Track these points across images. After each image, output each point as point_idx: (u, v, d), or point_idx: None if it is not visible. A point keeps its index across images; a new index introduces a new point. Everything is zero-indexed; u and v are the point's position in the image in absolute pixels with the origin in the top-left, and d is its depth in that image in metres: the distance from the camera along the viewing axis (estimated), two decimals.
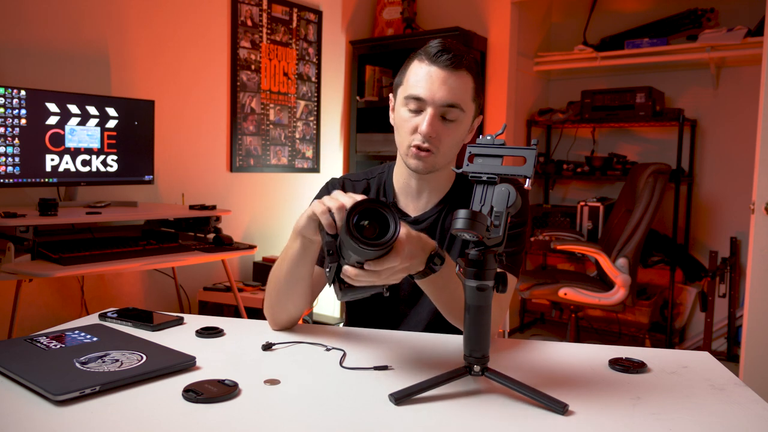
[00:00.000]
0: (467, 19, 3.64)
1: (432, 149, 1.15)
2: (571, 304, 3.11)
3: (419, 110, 1.15)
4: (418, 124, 1.14)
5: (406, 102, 1.16)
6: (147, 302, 2.83)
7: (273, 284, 1.15)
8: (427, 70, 1.14)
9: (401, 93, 1.18)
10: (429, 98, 1.13)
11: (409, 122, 1.16)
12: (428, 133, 1.13)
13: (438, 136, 1.14)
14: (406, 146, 1.17)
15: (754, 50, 3.06)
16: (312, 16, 3.55)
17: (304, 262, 1.09)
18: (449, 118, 1.15)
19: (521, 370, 0.97)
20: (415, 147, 1.15)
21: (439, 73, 1.12)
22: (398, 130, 1.20)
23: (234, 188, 3.19)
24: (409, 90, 1.15)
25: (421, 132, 1.13)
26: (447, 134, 1.15)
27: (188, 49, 2.92)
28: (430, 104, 1.13)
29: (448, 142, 1.16)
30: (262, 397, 0.85)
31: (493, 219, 0.85)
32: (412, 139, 1.16)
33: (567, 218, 3.73)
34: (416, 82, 1.14)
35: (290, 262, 1.09)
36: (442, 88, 1.12)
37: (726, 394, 0.89)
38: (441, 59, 1.12)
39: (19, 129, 2.18)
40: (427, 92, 1.13)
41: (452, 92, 1.13)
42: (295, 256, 1.07)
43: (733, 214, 3.53)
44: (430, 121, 1.12)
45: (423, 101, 1.13)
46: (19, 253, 1.98)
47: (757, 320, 2.48)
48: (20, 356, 0.94)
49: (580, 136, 4.01)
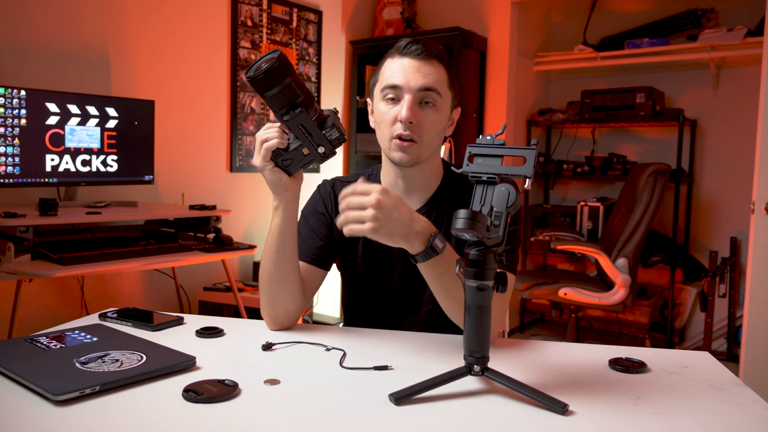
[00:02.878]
0: (467, 19, 3.64)
1: (414, 138, 1.16)
2: (571, 304, 3.11)
3: (397, 99, 1.17)
4: (398, 114, 1.16)
5: (383, 95, 1.19)
6: (147, 302, 2.82)
7: (264, 274, 1.17)
8: (400, 62, 1.17)
9: (377, 89, 1.21)
10: (405, 84, 1.15)
11: (388, 114, 1.18)
12: (408, 118, 1.14)
13: (418, 123, 1.16)
14: (388, 139, 1.19)
15: (754, 50, 3.05)
16: (312, 16, 3.55)
17: (288, 232, 1.13)
18: (428, 101, 1.17)
19: (521, 370, 0.97)
20: (398, 138, 1.17)
21: (412, 62, 1.16)
22: (379, 126, 1.21)
23: (234, 188, 3.19)
24: (385, 82, 1.18)
25: (401, 118, 1.15)
26: (426, 120, 1.17)
27: (188, 49, 2.92)
28: (406, 91, 1.15)
29: (429, 130, 1.18)
30: (262, 397, 0.85)
31: (493, 219, 0.85)
32: (393, 130, 1.17)
33: (567, 218, 3.73)
34: (391, 74, 1.18)
35: (274, 238, 1.13)
36: (416, 74, 1.16)
37: (726, 394, 0.89)
38: (411, 50, 1.17)
39: (19, 129, 2.18)
40: (402, 79, 1.16)
41: (426, 77, 1.16)
42: (278, 227, 1.13)
43: (733, 214, 3.52)
44: (409, 106, 1.15)
45: (399, 88, 1.16)
46: (19, 253, 1.98)
47: (757, 320, 2.48)
48: (20, 356, 0.94)
49: (580, 136, 4.01)
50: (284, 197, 1.12)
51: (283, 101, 1.02)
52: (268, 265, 1.16)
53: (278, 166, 1.09)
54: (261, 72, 0.98)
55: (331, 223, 1.29)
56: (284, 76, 0.99)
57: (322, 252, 1.27)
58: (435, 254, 1.00)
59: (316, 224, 1.29)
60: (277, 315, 1.18)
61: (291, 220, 1.14)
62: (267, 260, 1.16)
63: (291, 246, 1.15)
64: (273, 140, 1.06)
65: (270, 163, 1.08)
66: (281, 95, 1.01)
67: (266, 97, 1.02)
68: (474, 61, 3.56)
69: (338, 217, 0.98)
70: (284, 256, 1.15)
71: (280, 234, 1.13)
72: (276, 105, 1.03)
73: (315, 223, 1.29)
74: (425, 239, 1.00)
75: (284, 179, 1.10)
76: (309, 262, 1.25)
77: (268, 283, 1.16)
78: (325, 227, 1.29)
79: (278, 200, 1.13)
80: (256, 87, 1.01)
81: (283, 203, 1.13)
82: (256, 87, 1.01)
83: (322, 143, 1.07)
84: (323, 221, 1.29)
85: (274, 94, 1.01)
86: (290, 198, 1.13)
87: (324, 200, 1.31)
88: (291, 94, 1.01)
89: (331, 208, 1.30)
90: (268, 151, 1.06)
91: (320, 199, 1.32)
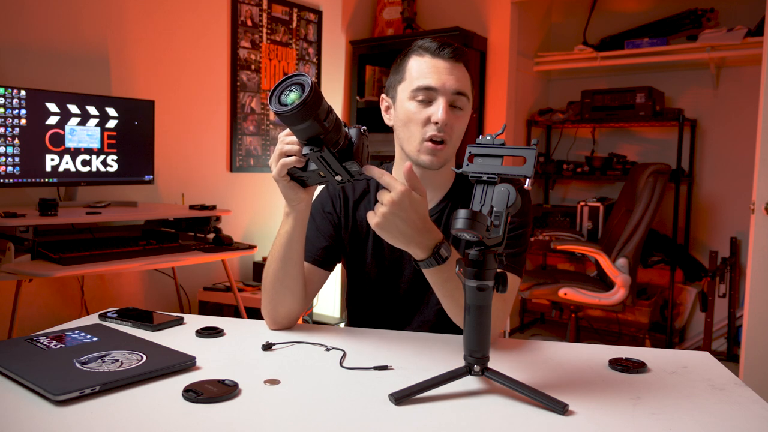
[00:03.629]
0: (467, 19, 3.64)
1: (446, 139, 1.16)
2: (571, 304, 3.11)
3: (429, 101, 1.16)
4: (430, 115, 1.15)
5: (414, 95, 1.17)
6: (147, 302, 2.83)
7: (269, 276, 1.16)
8: (433, 63, 1.16)
9: (405, 88, 1.19)
10: (440, 86, 1.15)
11: (419, 114, 1.16)
12: (444, 121, 1.14)
13: (450, 125, 1.16)
14: (419, 141, 1.17)
15: (754, 50, 3.05)
16: (312, 16, 3.55)
17: (296, 239, 1.12)
18: (458, 106, 1.17)
19: (521, 370, 0.97)
20: (430, 140, 1.16)
21: (445, 64, 1.16)
22: (407, 126, 1.19)
23: (234, 188, 3.19)
24: (417, 82, 1.16)
25: (437, 120, 1.14)
26: (458, 123, 1.17)
27: (188, 49, 2.92)
28: (441, 93, 1.15)
29: (458, 132, 1.19)
30: (262, 397, 0.85)
31: (493, 219, 0.85)
32: (425, 131, 1.16)
33: (567, 218, 3.73)
34: (423, 73, 1.16)
35: (282, 244, 1.12)
36: (450, 77, 1.15)
37: (726, 394, 0.89)
38: (444, 52, 1.16)
39: (19, 129, 2.18)
40: (438, 81, 1.15)
41: (459, 81, 1.16)
42: (287, 234, 1.11)
43: (733, 214, 3.52)
44: (445, 108, 1.14)
45: (434, 90, 1.15)
46: (19, 253, 1.98)
47: (757, 320, 2.48)
48: (20, 356, 0.94)
49: (580, 136, 4.01)
50: (296, 207, 1.10)
51: (308, 134, 0.95)
52: (273, 269, 1.15)
53: (293, 179, 1.06)
54: (292, 110, 0.89)
55: (338, 223, 1.28)
56: (313, 112, 0.91)
57: (326, 253, 1.26)
58: (438, 263, 1.00)
59: (323, 223, 1.28)
60: (278, 316, 1.18)
61: (300, 228, 1.12)
62: (273, 264, 1.15)
63: (298, 253, 1.14)
64: (291, 158, 1.01)
65: (286, 177, 1.04)
66: (306, 131, 0.94)
67: (292, 129, 0.96)
68: (474, 61, 3.56)
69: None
70: (290, 262, 1.14)
71: (289, 240, 1.12)
72: (300, 136, 0.97)
73: (321, 222, 1.28)
74: (429, 249, 0.99)
75: (299, 193, 1.08)
76: (312, 263, 1.24)
77: (272, 286, 1.15)
78: (331, 227, 1.28)
79: (290, 208, 1.11)
80: (282, 120, 0.93)
81: (294, 212, 1.11)
82: (281, 119, 0.93)
83: (340, 173, 1.02)
84: (330, 220, 1.28)
85: (299, 130, 0.94)
86: (302, 208, 1.11)
87: (332, 199, 1.29)
88: (315, 130, 0.94)
89: (339, 207, 1.28)
90: (284, 167, 1.02)
91: (328, 197, 1.30)
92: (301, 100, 0.88)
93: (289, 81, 0.92)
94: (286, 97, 0.91)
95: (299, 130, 0.94)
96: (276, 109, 0.90)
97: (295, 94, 0.90)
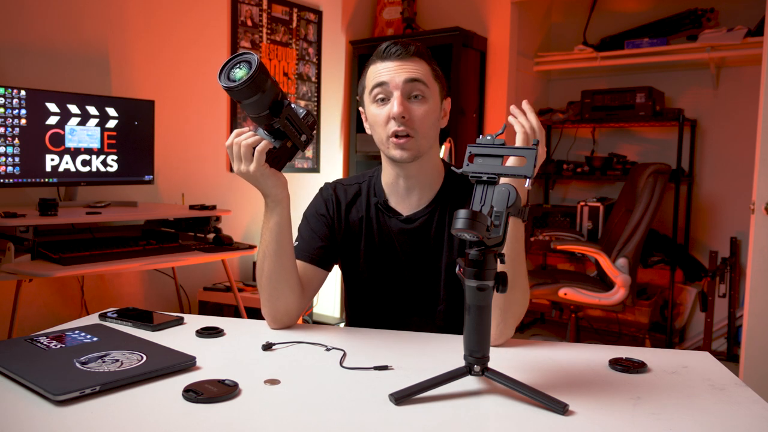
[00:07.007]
0: (467, 19, 3.64)
1: (410, 132, 1.18)
2: (571, 304, 3.11)
3: (386, 98, 1.19)
4: (389, 111, 1.17)
5: (372, 97, 1.20)
6: (147, 302, 2.82)
7: (263, 273, 1.17)
8: (383, 65, 1.19)
9: (366, 94, 1.23)
10: (390, 80, 1.17)
11: (380, 114, 1.19)
12: (400, 112, 1.16)
13: (411, 117, 1.17)
14: (385, 139, 1.20)
15: (754, 50, 3.05)
16: (312, 16, 3.55)
17: (285, 229, 1.15)
18: (417, 95, 1.18)
19: (521, 370, 0.97)
20: (393, 135, 1.18)
21: (394, 62, 1.18)
22: (374, 129, 1.23)
23: (234, 188, 3.18)
24: (371, 84, 1.20)
25: (393, 115, 1.16)
26: (418, 112, 1.18)
27: (188, 49, 2.92)
28: (393, 87, 1.17)
29: (422, 123, 1.19)
30: (262, 397, 0.85)
31: (493, 219, 0.85)
32: (387, 129, 1.19)
33: (567, 218, 3.73)
34: (375, 76, 1.19)
35: (273, 237, 1.15)
36: (400, 71, 1.17)
37: (726, 394, 0.89)
38: (391, 52, 1.19)
39: (19, 129, 2.18)
40: (387, 77, 1.17)
41: (410, 71, 1.18)
42: (277, 225, 1.15)
43: (733, 214, 3.52)
44: (399, 101, 1.16)
45: (386, 85, 1.18)
46: (19, 253, 1.98)
47: (757, 320, 2.48)
48: (20, 356, 0.94)
49: (580, 136, 4.01)
50: (279, 195, 1.14)
51: (267, 102, 1.01)
52: (267, 264, 1.16)
53: (271, 165, 1.10)
54: (242, 84, 0.95)
55: (332, 225, 1.30)
56: (266, 79, 0.97)
57: (322, 252, 1.27)
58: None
59: (317, 225, 1.29)
60: (278, 312, 1.18)
61: (288, 216, 1.16)
62: (266, 259, 1.16)
63: (289, 243, 1.17)
64: (262, 143, 1.07)
65: (265, 166, 1.09)
66: (257, 103, 0.99)
67: (247, 104, 1.00)
68: (474, 61, 3.56)
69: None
70: (284, 253, 1.16)
71: (280, 231, 1.15)
72: (261, 107, 1.01)
73: (316, 224, 1.30)
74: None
75: (279, 178, 1.13)
76: (309, 262, 1.25)
77: (268, 282, 1.16)
78: (326, 228, 1.29)
79: (274, 199, 1.14)
80: (236, 96, 0.98)
81: (278, 202, 1.15)
82: (235, 96, 0.98)
83: (303, 130, 1.09)
84: (324, 222, 1.29)
85: (250, 103, 0.99)
86: (285, 195, 1.15)
87: (326, 202, 1.32)
88: (274, 93, 1.00)
89: (333, 210, 1.30)
90: (262, 153, 1.07)
91: (322, 201, 1.32)
92: (250, 74, 0.95)
93: (237, 59, 0.98)
94: (234, 74, 0.97)
95: (250, 103, 0.99)
96: (225, 85, 0.96)
97: (242, 71, 0.96)
